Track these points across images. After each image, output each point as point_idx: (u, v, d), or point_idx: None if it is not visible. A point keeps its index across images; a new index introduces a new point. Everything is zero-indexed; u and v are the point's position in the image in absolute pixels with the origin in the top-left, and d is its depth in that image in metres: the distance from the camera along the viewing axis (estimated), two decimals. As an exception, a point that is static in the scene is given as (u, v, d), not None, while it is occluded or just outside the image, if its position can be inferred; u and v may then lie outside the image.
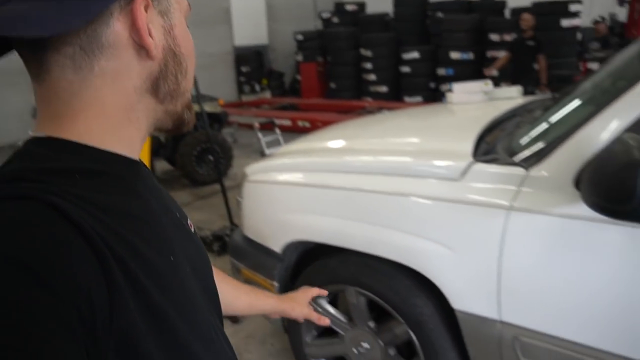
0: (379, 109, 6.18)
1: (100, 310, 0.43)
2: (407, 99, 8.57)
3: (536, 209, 1.33)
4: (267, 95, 10.53)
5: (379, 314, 1.78)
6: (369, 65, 8.94)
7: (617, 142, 1.12)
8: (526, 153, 1.47)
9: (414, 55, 8.48)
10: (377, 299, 1.68)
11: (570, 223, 1.28)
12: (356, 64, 9.17)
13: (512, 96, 2.65)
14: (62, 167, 0.49)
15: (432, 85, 8.46)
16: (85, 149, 0.51)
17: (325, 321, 1.06)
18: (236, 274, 2.14)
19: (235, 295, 0.92)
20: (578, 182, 1.28)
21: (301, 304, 1.03)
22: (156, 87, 0.54)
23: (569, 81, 6.80)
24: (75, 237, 0.43)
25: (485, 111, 2.49)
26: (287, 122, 7.26)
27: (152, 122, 0.57)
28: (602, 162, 1.13)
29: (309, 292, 1.07)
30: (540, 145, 1.46)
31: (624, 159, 1.04)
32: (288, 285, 2.00)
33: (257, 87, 10.58)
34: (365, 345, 1.80)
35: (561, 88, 2.46)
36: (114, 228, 0.47)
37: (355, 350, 1.83)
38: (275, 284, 1.93)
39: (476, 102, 2.63)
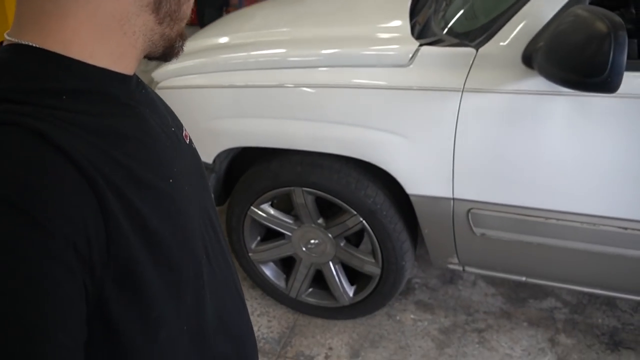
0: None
1: (97, 242, 0.41)
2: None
3: (488, 88, 1.35)
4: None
5: (324, 210, 1.78)
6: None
7: (571, 16, 1.14)
8: (469, 31, 1.45)
9: None
10: (327, 196, 1.67)
11: (522, 98, 1.33)
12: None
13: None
14: (49, 87, 0.44)
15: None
16: (73, 64, 0.46)
17: None
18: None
19: None
20: (526, 58, 1.32)
21: None
22: (158, 4, 0.50)
23: None
24: (66, 167, 0.40)
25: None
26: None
27: (148, 44, 0.52)
28: (560, 37, 1.15)
29: None
30: (482, 21, 1.45)
31: (588, 32, 1.07)
32: (222, 196, 1.90)
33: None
34: (314, 241, 1.82)
35: None
36: (107, 153, 0.45)
37: (303, 248, 1.84)
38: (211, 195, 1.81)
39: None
